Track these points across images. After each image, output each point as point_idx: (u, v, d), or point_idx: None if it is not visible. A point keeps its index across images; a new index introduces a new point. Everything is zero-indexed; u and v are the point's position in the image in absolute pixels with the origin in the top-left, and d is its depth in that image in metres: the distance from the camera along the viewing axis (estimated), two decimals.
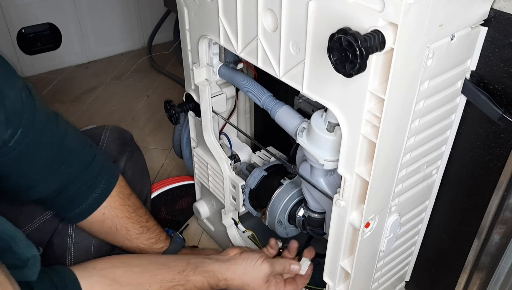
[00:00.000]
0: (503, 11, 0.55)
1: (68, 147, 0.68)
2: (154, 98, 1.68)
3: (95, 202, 0.73)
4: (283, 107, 0.74)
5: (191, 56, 0.83)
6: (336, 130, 0.64)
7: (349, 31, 0.44)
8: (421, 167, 0.67)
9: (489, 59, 0.59)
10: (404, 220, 0.72)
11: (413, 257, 0.84)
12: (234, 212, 0.98)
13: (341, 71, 0.47)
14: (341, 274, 0.70)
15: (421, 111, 0.58)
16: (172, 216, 1.11)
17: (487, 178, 0.67)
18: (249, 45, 0.66)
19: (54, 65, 1.83)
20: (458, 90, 0.62)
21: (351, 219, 0.62)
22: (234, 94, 0.93)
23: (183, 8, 0.78)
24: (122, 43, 1.96)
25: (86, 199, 0.72)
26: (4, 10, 1.64)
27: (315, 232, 0.80)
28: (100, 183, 0.73)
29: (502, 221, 0.65)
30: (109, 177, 0.74)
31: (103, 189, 0.73)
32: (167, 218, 1.10)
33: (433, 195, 0.75)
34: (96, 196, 0.72)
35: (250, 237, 1.00)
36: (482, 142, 0.65)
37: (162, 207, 1.10)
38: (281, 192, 0.82)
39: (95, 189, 0.72)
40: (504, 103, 0.59)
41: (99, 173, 0.72)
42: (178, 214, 1.12)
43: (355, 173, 0.58)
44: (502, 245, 0.67)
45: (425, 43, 0.50)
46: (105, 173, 0.74)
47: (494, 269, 0.69)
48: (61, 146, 0.66)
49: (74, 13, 1.79)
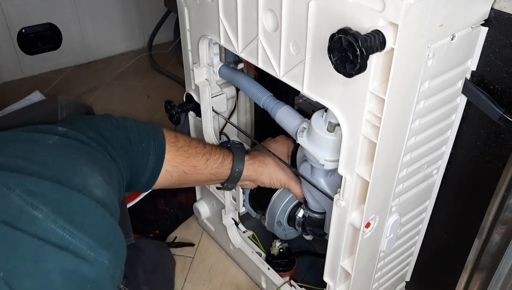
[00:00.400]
0: (503, 11, 0.55)
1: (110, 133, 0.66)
2: (154, 98, 1.68)
3: (156, 166, 0.72)
4: (284, 107, 0.74)
5: (192, 56, 0.83)
6: (337, 130, 0.63)
7: (349, 31, 0.44)
8: (421, 167, 0.67)
9: (489, 59, 0.59)
10: (405, 220, 0.72)
11: (414, 257, 0.84)
12: (234, 212, 0.98)
13: (341, 71, 0.47)
14: (342, 274, 0.70)
15: (421, 111, 0.58)
16: (170, 209, 1.13)
17: (487, 178, 0.67)
18: (249, 45, 0.66)
19: (54, 65, 1.83)
20: (458, 90, 0.62)
21: (352, 219, 0.62)
22: (235, 94, 0.93)
23: (183, 8, 0.78)
24: (122, 43, 1.96)
25: (146, 168, 0.71)
26: (4, 10, 1.64)
27: (315, 233, 0.80)
28: (150, 146, 0.72)
29: (503, 221, 0.65)
30: (154, 137, 0.73)
31: (156, 150, 0.72)
32: (165, 210, 1.12)
33: (434, 195, 0.75)
34: (153, 160, 0.72)
35: (251, 237, 1.00)
36: (483, 142, 0.65)
37: (161, 199, 1.12)
38: (281, 193, 0.82)
39: (149, 154, 0.71)
40: (505, 103, 0.59)
41: (142, 139, 0.71)
42: (176, 208, 1.14)
43: (356, 173, 0.58)
44: (503, 245, 0.67)
45: (425, 43, 0.50)
46: (146, 134, 0.72)
47: (494, 269, 0.69)
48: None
49: (74, 13, 1.79)
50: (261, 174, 0.80)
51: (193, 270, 1.05)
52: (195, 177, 0.78)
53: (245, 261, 1.00)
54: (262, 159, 0.80)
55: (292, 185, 0.79)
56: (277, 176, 0.79)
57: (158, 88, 1.74)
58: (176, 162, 0.75)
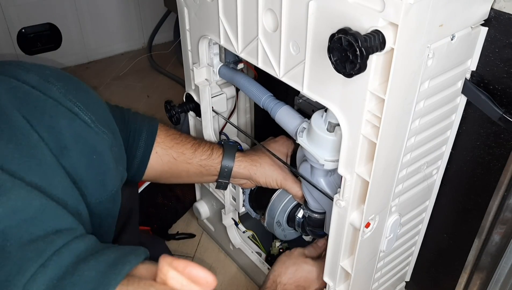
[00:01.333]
0: (503, 11, 0.55)
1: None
2: (154, 98, 1.68)
3: (147, 147, 0.75)
4: (283, 107, 0.74)
5: (191, 56, 0.83)
6: (336, 130, 0.64)
7: (349, 31, 0.44)
8: (421, 167, 0.67)
9: (489, 59, 0.59)
10: (405, 220, 0.72)
11: (414, 257, 0.84)
12: (234, 212, 0.98)
13: (341, 71, 0.47)
14: (341, 274, 0.70)
15: (421, 111, 0.58)
16: (169, 201, 1.14)
17: (487, 178, 0.67)
18: (249, 45, 0.66)
19: (54, 65, 1.83)
20: (458, 90, 0.62)
21: (352, 219, 0.62)
22: (234, 94, 0.93)
23: (183, 8, 0.78)
24: (122, 43, 1.96)
25: (137, 147, 0.74)
26: (4, 10, 1.64)
27: (315, 233, 0.80)
28: (143, 127, 0.75)
29: (503, 221, 0.65)
30: (148, 120, 0.77)
31: (148, 131, 0.76)
32: (164, 203, 1.14)
33: (434, 195, 0.75)
34: (144, 138, 0.75)
35: (251, 237, 1.00)
36: (483, 142, 0.65)
37: (159, 192, 1.14)
38: (281, 193, 0.82)
39: (141, 133, 0.75)
40: (504, 103, 0.59)
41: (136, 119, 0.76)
42: (174, 201, 1.15)
43: (355, 173, 0.58)
44: (503, 245, 0.67)
45: (425, 43, 0.50)
46: (141, 117, 0.77)
47: (494, 269, 0.69)
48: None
49: (74, 13, 1.79)
50: (255, 172, 0.79)
51: None
52: (185, 166, 0.79)
53: (245, 261, 1.00)
54: (256, 158, 0.80)
55: (288, 185, 0.79)
56: (273, 175, 0.79)
57: (158, 88, 1.74)
58: (166, 146, 0.77)
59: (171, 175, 0.80)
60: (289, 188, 0.79)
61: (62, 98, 0.54)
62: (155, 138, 0.76)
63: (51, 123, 0.51)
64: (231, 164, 0.79)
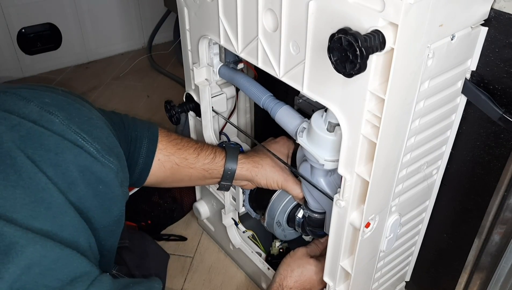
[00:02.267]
0: (503, 11, 0.55)
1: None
2: (154, 98, 1.68)
3: (149, 154, 0.74)
4: (283, 107, 0.74)
5: (191, 56, 0.83)
6: (336, 130, 0.63)
7: (349, 31, 0.44)
8: (421, 167, 0.67)
9: (489, 59, 0.59)
10: (404, 220, 0.72)
11: (413, 257, 0.84)
12: (234, 212, 0.98)
13: (341, 71, 0.47)
14: (341, 274, 0.70)
15: (421, 111, 0.58)
16: (164, 201, 1.15)
17: (487, 178, 0.67)
18: (249, 45, 0.66)
19: (54, 65, 1.83)
20: (458, 90, 0.62)
21: (351, 219, 0.62)
22: (234, 94, 0.93)
23: (183, 8, 0.78)
24: (122, 43, 1.96)
25: (139, 155, 0.74)
26: (4, 10, 1.64)
27: (315, 233, 0.80)
28: (143, 134, 0.74)
29: (503, 221, 0.65)
30: (148, 127, 0.76)
31: (149, 138, 0.75)
32: (159, 202, 1.14)
33: (434, 195, 0.75)
34: (146, 146, 0.74)
35: (251, 237, 1.00)
36: (483, 142, 0.65)
37: (156, 191, 1.15)
38: (281, 193, 0.82)
39: (142, 140, 0.74)
40: (504, 103, 0.59)
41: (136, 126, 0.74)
42: (170, 201, 1.15)
43: (355, 173, 0.58)
44: (503, 245, 0.67)
45: (425, 43, 0.50)
46: (141, 123, 0.76)
47: (494, 269, 0.69)
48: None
49: (74, 13, 1.79)
50: (257, 174, 0.79)
51: (193, 270, 1.05)
52: (187, 171, 0.78)
53: (245, 261, 1.00)
54: (258, 159, 0.80)
55: (289, 186, 0.79)
56: (274, 177, 0.79)
57: (158, 88, 1.74)
58: (168, 152, 0.76)
59: (173, 180, 0.80)
60: (290, 190, 0.79)
61: (66, 130, 0.53)
62: (156, 145, 0.75)
63: (57, 161, 0.50)
64: (234, 167, 0.79)
